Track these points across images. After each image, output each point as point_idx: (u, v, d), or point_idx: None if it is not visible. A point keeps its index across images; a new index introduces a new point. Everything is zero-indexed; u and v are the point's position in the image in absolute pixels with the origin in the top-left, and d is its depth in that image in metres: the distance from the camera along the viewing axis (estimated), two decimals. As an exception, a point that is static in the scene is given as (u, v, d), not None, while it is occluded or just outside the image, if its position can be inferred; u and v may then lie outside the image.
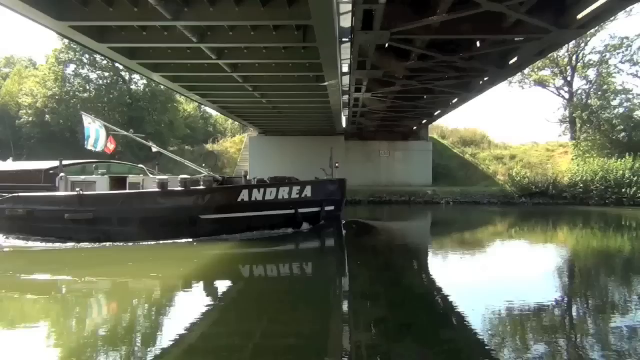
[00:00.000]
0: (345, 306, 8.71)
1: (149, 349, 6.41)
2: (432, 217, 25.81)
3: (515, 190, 31.37)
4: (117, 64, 32.27)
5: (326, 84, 16.64)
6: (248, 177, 18.36)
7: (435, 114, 25.87)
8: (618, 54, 35.98)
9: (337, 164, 17.93)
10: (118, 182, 15.92)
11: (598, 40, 39.59)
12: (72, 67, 42.08)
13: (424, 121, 29.77)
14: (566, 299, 9.42)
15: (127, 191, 15.39)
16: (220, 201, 14.87)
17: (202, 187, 14.93)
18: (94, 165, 17.26)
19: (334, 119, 26.53)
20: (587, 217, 24.97)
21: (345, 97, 20.45)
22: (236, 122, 41.46)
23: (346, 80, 16.98)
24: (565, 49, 36.07)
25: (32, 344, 6.59)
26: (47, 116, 40.33)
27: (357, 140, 34.60)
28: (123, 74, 42.53)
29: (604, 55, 36.37)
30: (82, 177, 16.14)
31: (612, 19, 28.73)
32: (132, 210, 14.33)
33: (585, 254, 15.05)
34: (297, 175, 17.96)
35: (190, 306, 8.44)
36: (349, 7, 10.72)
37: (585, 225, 22.29)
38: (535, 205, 29.97)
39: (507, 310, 7.97)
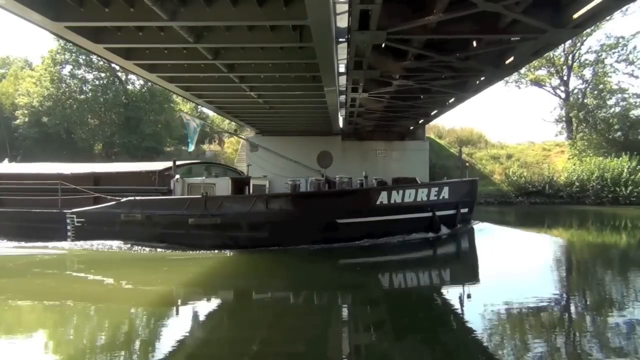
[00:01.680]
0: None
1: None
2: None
3: (512, 189, 31.48)
4: (113, 65, 32.16)
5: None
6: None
7: (432, 113, 25.86)
8: (614, 53, 36.16)
9: (467, 164, 17.17)
10: (238, 184, 14.83)
11: (594, 39, 39.97)
12: (68, 67, 41.99)
13: (421, 121, 29.75)
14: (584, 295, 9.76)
15: (258, 194, 14.27)
16: (358, 204, 13.90)
17: (339, 190, 14.02)
18: (204, 166, 16.28)
19: (330, 119, 26.49)
20: (583, 216, 25.07)
21: (342, 97, 20.44)
22: (233, 123, 41.39)
23: (343, 80, 16.97)
24: (561, 48, 36.20)
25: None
26: (44, 117, 40.20)
27: (354, 140, 34.57)
28: (119, 74, 42.44)
29: (599, 54, 36.54)
30: (200, 179, 15.15)
31: (607, 18, 28.79)
32: (264, 214, 13.26)
33: (583, 252, 15.13)
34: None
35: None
36: (346, 7, 10.74)
37: (582, 224, 22.38)
38: (532, 204, 30.07)
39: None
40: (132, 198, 13.98)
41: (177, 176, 14.49)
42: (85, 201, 14.65)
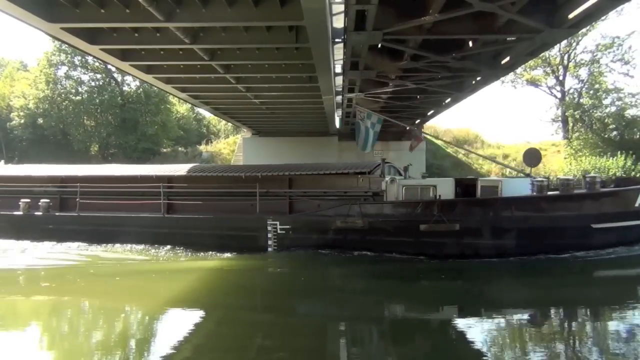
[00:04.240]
0: None
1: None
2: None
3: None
4: (109, 66, 32.10)
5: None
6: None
7: (429, 113, 25.97)
8: (609, 53, 36.14)
9: None
10: (463, 185, 13.53)
11: (589, 39, 39.85)
12: (64, 69, 41.82)
13: (417, 121, 29.84)
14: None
15: (503, 197, 12.87)
16: (616, 207, 12.58)
17: (594, 191, 12.72)
18: (393, 168, 15.40)
19: (327, 120, 26.54)
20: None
21: (339, 98, 20.46)
22: (229, 123, 41.40)
23: (339, 80, 16.97)
24: (556, 48, 36.18)
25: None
26: (40, 119, 40.04)
27: (351, 140, 34.45)
28: (115, 75, 42.31)
29: (595, 54, 36.55)
30: (416, 180, 14.07)
31: (603, 18, 28.85)
32: (510, 220, 12.11)
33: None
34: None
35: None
36: (342, 7, 10.72)
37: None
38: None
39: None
40: (352, 203, 12.91)
41: (390, 177, 13.38)
42: (280, 205, 13.75)
